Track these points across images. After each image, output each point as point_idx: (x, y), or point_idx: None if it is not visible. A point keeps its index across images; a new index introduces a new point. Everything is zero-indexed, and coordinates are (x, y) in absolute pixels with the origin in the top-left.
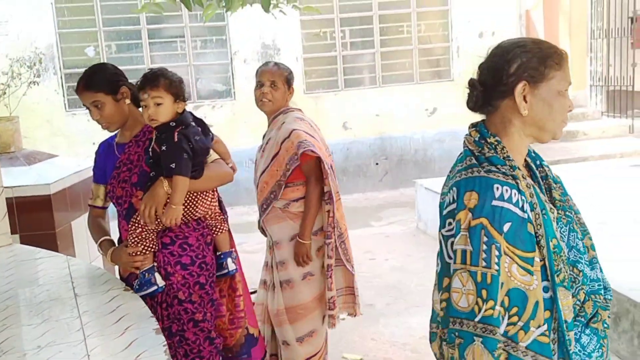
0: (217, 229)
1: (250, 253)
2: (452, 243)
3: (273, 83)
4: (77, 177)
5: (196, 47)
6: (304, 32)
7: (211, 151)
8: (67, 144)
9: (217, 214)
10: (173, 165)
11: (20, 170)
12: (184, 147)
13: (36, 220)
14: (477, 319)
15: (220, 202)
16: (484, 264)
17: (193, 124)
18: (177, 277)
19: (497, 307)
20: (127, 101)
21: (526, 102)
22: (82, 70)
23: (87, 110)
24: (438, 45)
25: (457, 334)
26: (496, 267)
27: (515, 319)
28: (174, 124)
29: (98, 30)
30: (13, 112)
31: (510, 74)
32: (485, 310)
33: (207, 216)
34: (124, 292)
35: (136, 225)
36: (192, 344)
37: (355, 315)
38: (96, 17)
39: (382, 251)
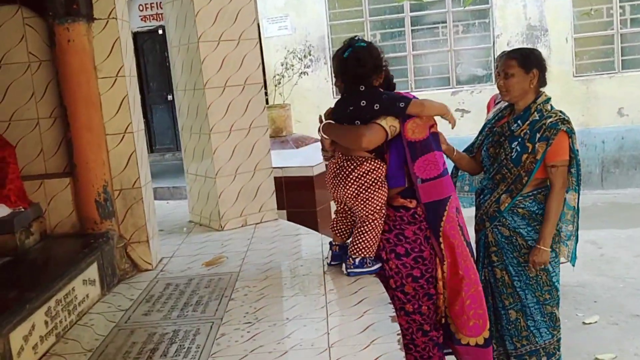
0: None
1: None
2: None
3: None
4: None
5: (457, 32)
6: (575, 10)
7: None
8: None
9: (376, 216)
10: None
11: (290, 153)
12: None
13: (301, 198)
14: None
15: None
16: None
17: (362, 89)
18: (391, 264)
19: None
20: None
21: None
22: None
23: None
24: None
25: None
26: None
27: None
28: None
29: (364, 20)
30: (286, 100)
31: None
32: None
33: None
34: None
35: None
36: (405, 332)
37: None
38: (363, 8)
39: None
